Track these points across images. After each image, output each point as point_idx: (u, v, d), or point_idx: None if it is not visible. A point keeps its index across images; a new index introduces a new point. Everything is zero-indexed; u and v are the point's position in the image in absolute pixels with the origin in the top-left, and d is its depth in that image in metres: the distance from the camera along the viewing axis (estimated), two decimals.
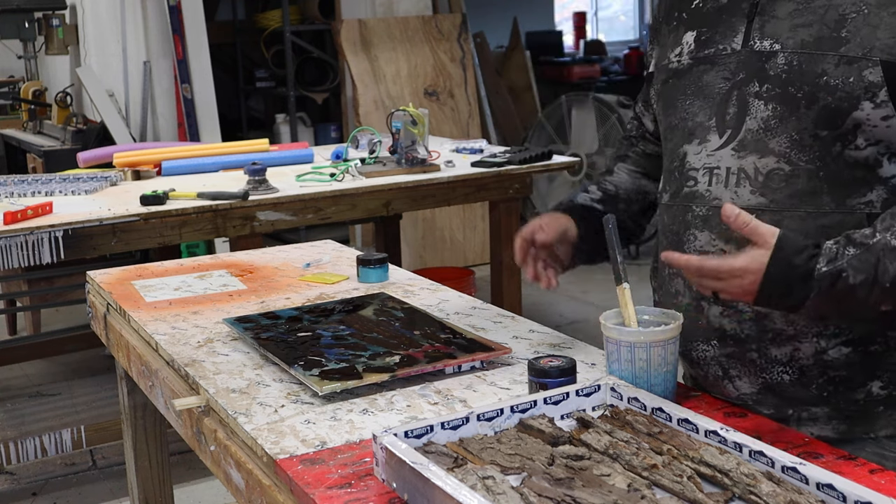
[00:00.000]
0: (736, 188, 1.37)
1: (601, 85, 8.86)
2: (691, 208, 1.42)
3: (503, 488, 1.08)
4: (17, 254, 2.71)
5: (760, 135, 1.35)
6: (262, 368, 1.61)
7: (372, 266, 2.11)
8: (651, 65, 1.59)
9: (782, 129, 1.34)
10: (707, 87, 1.43)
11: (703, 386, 1.48)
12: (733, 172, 1.37)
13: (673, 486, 1.12)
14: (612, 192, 1.68)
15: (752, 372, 1.39)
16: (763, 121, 1.35)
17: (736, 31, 1.41)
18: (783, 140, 1.34)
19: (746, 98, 1.37)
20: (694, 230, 1.42)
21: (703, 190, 1.41)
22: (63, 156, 4.52)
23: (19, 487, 3.27)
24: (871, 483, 1.12)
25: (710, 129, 1.41)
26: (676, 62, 1.49)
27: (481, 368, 1.57)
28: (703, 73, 1.44)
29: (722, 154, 1.39)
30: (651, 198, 1.69)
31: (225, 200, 2.99)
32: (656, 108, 1.56)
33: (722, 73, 1.41)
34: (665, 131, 1.53)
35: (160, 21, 5.23)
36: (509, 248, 3.60)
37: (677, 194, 1.46)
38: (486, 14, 8.53)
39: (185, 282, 2.16)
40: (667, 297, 1.49)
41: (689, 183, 1.43)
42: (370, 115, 5.68)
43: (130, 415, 2.22)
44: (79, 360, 4.40)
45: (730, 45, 1.41)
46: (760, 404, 1.40)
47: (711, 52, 1.43)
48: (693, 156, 1.43)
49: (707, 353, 1.42)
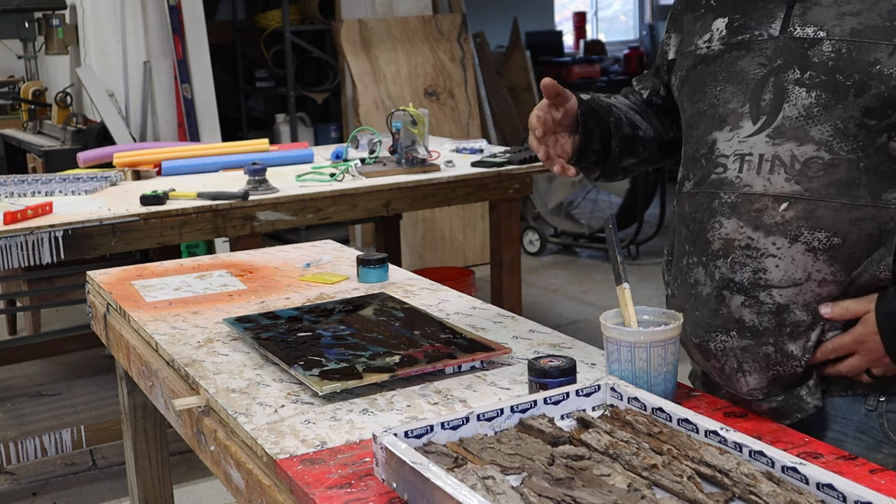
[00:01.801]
0: (770, 175, 1.35)
1: (601, 85, 8.88)
2: (719, 195, 1.40)
3: (503, 488, 1.08)
4: (17, 254, 2.71)
5: (801, 122, 1.34)
6: (262, 368, 1.61)
7: (372, 266, 2.11)
8: (670, 52, 1.58)
9: (826, 118, 1.32)
10: (741, 72, 1.41)
11: (718, 380, 1.45)
12: (767, 159, 1.35)
13: (673, 486, 1.12)
14: (605, 104, 1.63)
15: (764, 367, 1.37)
16: (804, 108, 1.34)
17: (774, 18, 1.39)
18: (826, 128, 1.32)
19: (784, 84, 1.36)
20: (721, 217, 1.39)
21: (733, 176, 1.38)
22: (63, 156, 4.52)
23: (19, 487, 3.27)
24: (871, 483, 1.12)
25: (744, 115, 1.40)
26: (706, 48, 1.47)
27: (481, 368, 1.57)
28: (736, 59, 1.42)
29: (755, 140, 1.37)
30: (640, 134, 1.66)
31: (225, 200, 2.99)
32: (680, 95, 1.55)
33: (758, 59, 1.40)
34: (691, 118, 1.50)
35: (160, 21, 5.23)
36: (509, 248, 3.65)
37: (703, 181, 1.43)
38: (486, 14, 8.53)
39: (185, 282, 2.16)
40: (684, 287, 1.45)
41: (717, 170, 1.41)
42: (370, 115, 5.68)
43: (130, 415, 2.22)
44: (79, 360, 4.40)
45: (766, 31, 1.40)
46: (770, 396, 1.39)
47: (746, 37, 1.42)
48: (723, 142, 1.41)
49: (726, 343, 1.39)
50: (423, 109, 3.43)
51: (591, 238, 6.10)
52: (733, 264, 1.37)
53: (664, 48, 1.61)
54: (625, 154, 1.65)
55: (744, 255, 1.36)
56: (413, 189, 3.31)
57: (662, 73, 1.66)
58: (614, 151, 1.62)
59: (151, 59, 5.29)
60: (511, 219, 3.63)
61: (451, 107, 5.91)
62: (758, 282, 1.35)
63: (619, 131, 1.62)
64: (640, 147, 1.67)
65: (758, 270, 1.34)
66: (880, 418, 1.36)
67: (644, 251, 6.02)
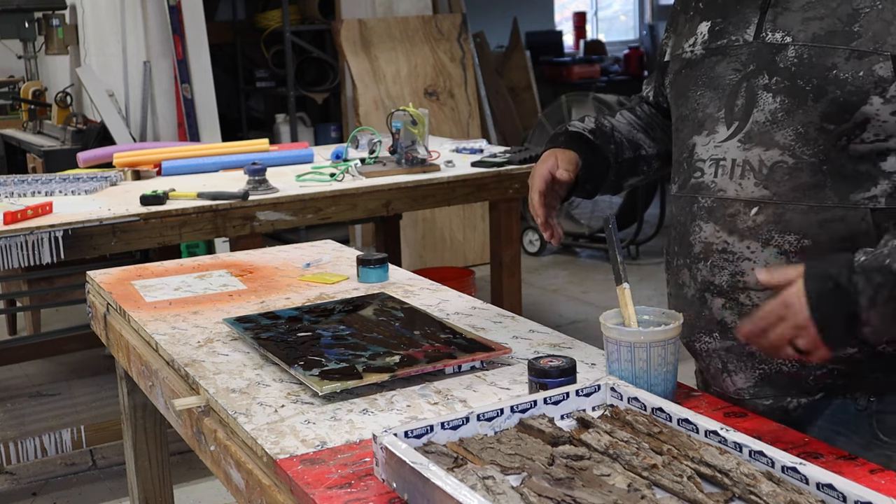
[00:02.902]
0: (741, 180, 1.37)
1: (601, 85, 8.87)
2: (697, 199, 1.43)
3: (503, 488, 1.08)
4: (17, 254, 2.71)
5: (767, 127, 1.36)
6: (262, 368, 1.61)
7: (372, 266, 2.11)
8: (667, 54, 1.59)
9: (788, 122, 1.34)
10: (718, 78, 1.43)
11: (706, 379, 1.50)
12: (738, 164, 1.38)
13: (673, 486, 1.12)
14: (607, 130, 1.66)
15: (749, 366, 1.39)
16: (770, 113, 1.35)
17: (749, 23, 1.41)
18: (789, 133, 1.34)
19: (755, 90, 1.37)
20: (700, 221, 1.42)
21: (710, 181, 1.41)
22: (63, 156, 4.52)
23: (19, 487, 3.27)
24: (871, 483, 1.12)
25: (719, 120, 1.42)
26: (690, 52, 1.49)
27: (481, 368, 1.57)
28: (714, 65, 1.44)
29: (728, 146, 1.40)
30: (642, 153, 1.67)
31: (225, 200, 2.99)
32: (669, 97, 1.57)
33: (733, 65, 1.41)
34: (676, 122, 1.53)
35: (160, 21, 5.23)
36: (509, 248, 3.65)
37: (685, 185, 1.46)
38: (486, 14, 8.53)
39: (185, 282, 2.16)
40: (676, 288, 1.49)
41: (696, 174, 1.44)
42: (370, 115, 5.68)
43: (130, 415, 2.22)
44: (79, 360, 4.40)
45: (742, 37, 1.41)
46: (758, 397, 1.40)
47: (724, 42, 1.43)
48: (701, 147, 1.44)
49: (709, 344, 1.43)
50: (423, 109, 3.43)
51: (591, 238, 6.10)
52: (713, 267, 1.40)
53: (663, 48, 1.62)
54: (625, 176, 1.68)
55: (721, 259, 1.39)
56: (413, 189, 3.31)
57: (659, 78, 1.67)
58: (610, 179, 1.65)
59: (151, 59, 5.29)
60: (511, 219, 3.63)
61: (451, 107, 5.91)
62: (736, 284, 1.38)
63: (618, 157, 1.65)
64: (642, 166, 1.69)
65: (735, 273, 1.38)
66: (870, 418, 1.37)
67: (644, 251, 6.02)
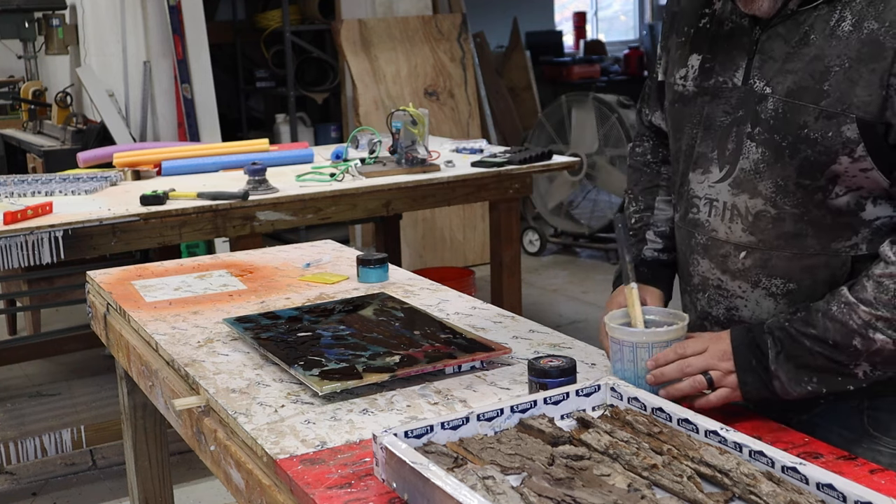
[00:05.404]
0: (730, 223, 1.41)
1: (601, 85, 8.87)
2: (694, 235, 1.47)
3: (503, 488, 1.08)
4: (17, 254, 2.71)
5: (751, 176, 1.38)
6: (262, 368, 1.61)
7: (372, 266, 2.11)
8: (660, 73, 1.58)
9: (769, 174, 1.36)
10: (709, 118, 1.44)
11: None
12: (728, 208, 1.41)
13: (673, 486, 1.12)
14: (669, 234, 1.64)
15: None
16: (754, 163, 1.37)
17: (737, 66, 1.40)
18: (769, 184, 1.36)
19: (743, 137, 1.39)
20: (696, 255, 1.47)
21: (704, 219, 1.45)
22: (63, 156, 4.52)
23: (19, 487, 3.27)
24: (871, 483, 1.12)
25: (713, 160, 1.43)
26: (682, 86, 1.49)
27: (481, 368, 1.57)
28: (705, 104, 1.45)
29: (721, 188, 1.42)
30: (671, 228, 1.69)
31: (225, 200, 2.99)
32: (667, 126, 1.57)
33: (723, 107, 1.42)
34: (674, 152, 1.54)
35: (160, 21, 5.23)
36: (509, 248, 3.65)
37: (684, 218, 1.50)
38: (486, 14, 8.52)
39: (185, 282, 2.16)
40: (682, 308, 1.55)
41: (692, 210, 1.47)
42: (370, 115, 5.68)
43: (130, 415, 2.22)
44: (79, 360, 4.40)
45: (731, 80, 1.41)
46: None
47: (713, 83, 1.43)
48: (696, 184, 1.46)
49: None
50: (423, 109, 3.42)
51: (591, 238, 6.10)
52: (710, 300, 1.46)
53: (658, 62, 1.61)
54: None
55: (717, 294, 1.45)
56: (413, 189, 3.31)
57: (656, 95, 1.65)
58: None
59: (151, 59, 5.29)
60: (511, 219, 3.63)
61: (451, 107, 5.91)
62: (732, 317, 1.44)
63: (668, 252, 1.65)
64: None
65: (730, 308, 1.44)
66: (861, 414, 1.39)
67: None
